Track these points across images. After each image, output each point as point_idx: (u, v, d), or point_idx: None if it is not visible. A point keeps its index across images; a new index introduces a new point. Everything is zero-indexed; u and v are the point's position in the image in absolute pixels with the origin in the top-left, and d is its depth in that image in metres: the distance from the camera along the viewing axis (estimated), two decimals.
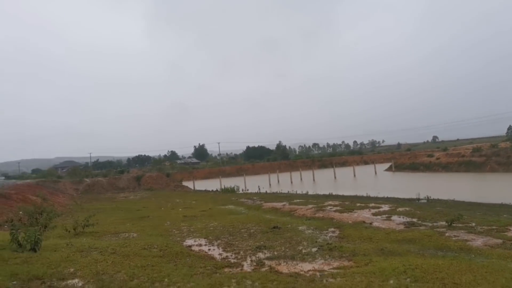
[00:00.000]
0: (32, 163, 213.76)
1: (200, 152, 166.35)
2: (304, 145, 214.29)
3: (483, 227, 11.05)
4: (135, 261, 8.11)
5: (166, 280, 6.73)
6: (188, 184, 57.95)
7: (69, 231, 12.73)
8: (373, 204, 18.15)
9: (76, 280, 6.61)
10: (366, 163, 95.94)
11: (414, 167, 59.29)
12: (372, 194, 26.00)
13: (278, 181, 56.97)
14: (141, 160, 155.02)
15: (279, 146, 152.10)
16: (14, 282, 6.30)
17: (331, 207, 18.19)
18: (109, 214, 21.24)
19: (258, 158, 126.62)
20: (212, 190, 44.61)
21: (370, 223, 12.84)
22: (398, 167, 63.56)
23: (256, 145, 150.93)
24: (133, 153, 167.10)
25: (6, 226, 14.25)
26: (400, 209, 16.13)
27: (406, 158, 70.37)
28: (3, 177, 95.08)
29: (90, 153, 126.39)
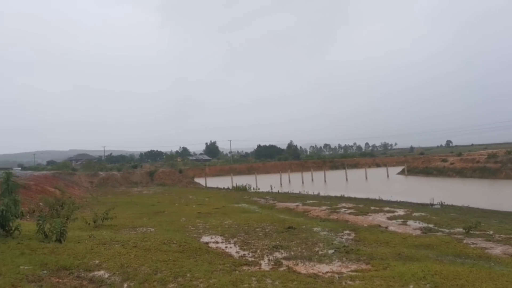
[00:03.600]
0: (47, 155, 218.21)
1: (212, 149, 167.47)
2: (315, 145, 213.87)
3: (501, 235, 10.98)
4: (156, 256, 8.32)
5: (188, 275, 6.90)
6: (200, 180, 58.39)
7: (89, 224, 13.07)
8: (387, 208, 18.13)
9: (102, 272, 6.84)
10: (378, 165, 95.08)
11: (427, 172, 58.66)
12: (384, 198, 25.88)
13: (289, 181, 56.96)
14: (153, 155, 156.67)
15: (290, 146, 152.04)
16: (44, 271, 6.55)
17: (345, 209, 18.22)
18: (125, 208, 21.61)
19: (269, 157, 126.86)
20: (224, 188, 44.90)
21: (386, 227, 12.86)
22: (411, 171, 62.95)
23: (267, 144, 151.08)
24: (145, 148, 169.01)
25: (27, 217, 14.63)
26: (416, 214, 16.09)
27: (419, 162, 69.55)
28: (19, 168, 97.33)
29: (104, 147, 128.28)
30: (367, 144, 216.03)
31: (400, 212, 16.82)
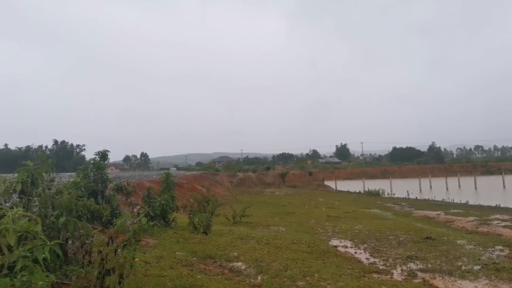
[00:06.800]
0: (195, 157, 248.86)
1: (342, 151, 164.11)
2: (464, 147, 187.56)
3: None
4: (286, 254, 8.84)
5: (316, 275, 7.14)
6: (330, 183, 58.01)
7: (229, 220, 14.61)
8: None
9: (240, 264, 7.66)
10: None
11: None
12: None
13: (431, 186, 51.57)
14: (284, 158, 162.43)
15: (432, 148, 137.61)
16: (194, 258, 7.72)
17: (499, 221, 15.72)
18: (259, 207, 23.19)
19: (405, 160, 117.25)
20: (355, 192, 43.64)
21: None
22: None
23: (404, 146, 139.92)
24: (277, 151, 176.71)
25: (181, 211, 17.15)
26: None
27: None
28: (175, 168, 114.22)
29: (241, 150, 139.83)
30: None
31: None
